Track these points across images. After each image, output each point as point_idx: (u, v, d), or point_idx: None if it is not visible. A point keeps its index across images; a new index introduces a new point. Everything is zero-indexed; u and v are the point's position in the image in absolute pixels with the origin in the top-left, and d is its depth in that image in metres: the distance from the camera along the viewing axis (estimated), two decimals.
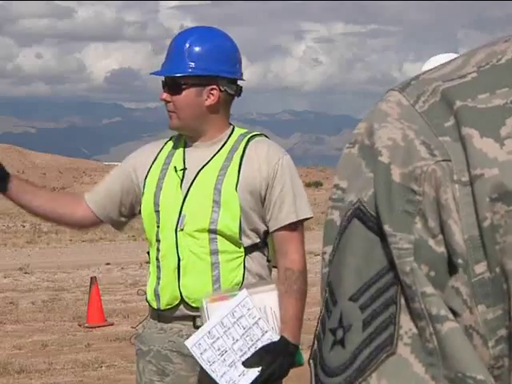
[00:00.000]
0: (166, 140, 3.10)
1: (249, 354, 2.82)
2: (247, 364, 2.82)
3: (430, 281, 0.73)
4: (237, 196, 2.88)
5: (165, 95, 2.98)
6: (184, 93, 2.95)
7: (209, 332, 2.82)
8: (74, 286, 13.95)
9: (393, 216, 0.74)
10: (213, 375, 2.79)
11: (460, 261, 0.73)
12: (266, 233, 2.97)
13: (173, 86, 2.96)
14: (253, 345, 2.84)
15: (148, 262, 3.08)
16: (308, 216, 3.00)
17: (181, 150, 3.02)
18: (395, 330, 0.74)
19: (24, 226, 31.53)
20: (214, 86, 2.97)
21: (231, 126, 3.04)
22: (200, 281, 2.88)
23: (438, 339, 0.73)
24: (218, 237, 2.89)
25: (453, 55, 3.56)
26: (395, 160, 0.74)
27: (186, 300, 2.90)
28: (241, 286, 2.89)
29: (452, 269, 0.74)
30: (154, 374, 2.99)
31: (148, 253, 3.09)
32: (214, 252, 2.88)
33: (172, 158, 3.01)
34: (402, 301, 0.74)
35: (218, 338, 2.81)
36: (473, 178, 0.73)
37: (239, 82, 3.04)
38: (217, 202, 2.88)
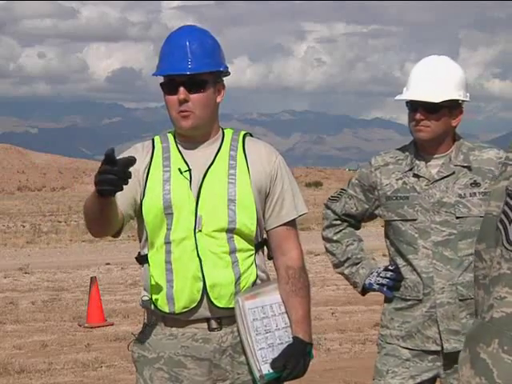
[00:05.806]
0: (150, 142, 2.98)
1: (285, 347, 2.88)
2: (275, 366, 2.83)
3: None
4: (252, 194, 2.86)
5: (185, 94, 2.84)
6: (208, 90, 2.86)
7: (262, 307, 2.88)
8: (74, 286, 13.95)
9: None
10: (254, 344, 2.83)
11: None
12: (264, 231, 2.97)
13: (195, 83, 2.84)
14: (287, 342, 2.90)
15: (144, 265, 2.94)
16: (305, 212, 3.00)
17: (176, 150, 2.93)
18: None
19: (24, 226, 31.53)
20: (222, 82, 2.94)
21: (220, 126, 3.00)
22: (224, 280, 2.83)
23: None
24: (235, 236, 2.85)
25: (443, 57, 3.52)
26: None
27: (213, 301, 2.83)
28: (254, 283, 2.88)
29: None
30: (167, 381, 2.90)
31: (142, 256, 2.97)
32: (233, 251, 2.84)
33: (170, 159, 2.91)
34: None
35: (267, 317, 2.89)
36: None
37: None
38: (232, 201, 2.84)
